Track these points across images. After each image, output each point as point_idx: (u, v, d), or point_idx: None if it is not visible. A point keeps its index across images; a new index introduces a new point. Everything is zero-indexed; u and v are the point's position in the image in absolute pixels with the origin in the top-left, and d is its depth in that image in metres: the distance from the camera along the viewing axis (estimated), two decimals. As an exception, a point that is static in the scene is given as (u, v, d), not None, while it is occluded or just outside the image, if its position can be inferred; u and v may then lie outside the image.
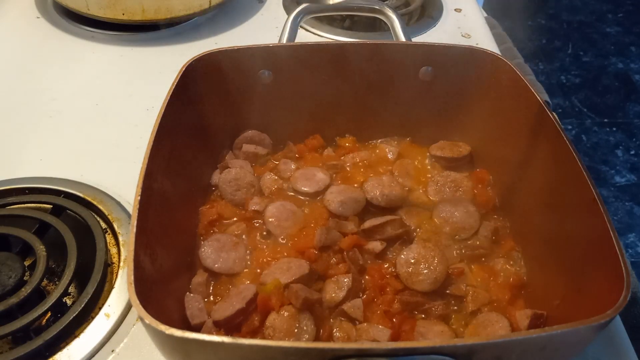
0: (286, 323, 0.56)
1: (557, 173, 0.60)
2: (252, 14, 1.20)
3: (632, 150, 2.49)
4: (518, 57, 1.15)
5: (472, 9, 1.24)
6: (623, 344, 0.61)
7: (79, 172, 0.78)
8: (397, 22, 0.80)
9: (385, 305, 0.59)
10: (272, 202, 0.70)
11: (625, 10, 3.44)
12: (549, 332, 0.42)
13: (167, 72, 0.68)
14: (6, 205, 0.72)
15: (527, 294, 0.62)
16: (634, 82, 2.88)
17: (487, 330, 0.57)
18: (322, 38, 1.12)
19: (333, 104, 0.77)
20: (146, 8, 1.07)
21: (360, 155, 0.78)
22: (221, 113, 0.74)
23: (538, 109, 0.63)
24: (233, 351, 0.42)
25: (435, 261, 0.62)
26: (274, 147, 0.79)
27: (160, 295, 0.53)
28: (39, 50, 1.07)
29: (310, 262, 0.62)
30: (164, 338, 0.42)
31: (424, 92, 0.76)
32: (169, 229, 0.59)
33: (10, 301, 0.59)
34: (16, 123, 0.89)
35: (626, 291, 0.44)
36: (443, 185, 0.74)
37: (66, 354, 0.58)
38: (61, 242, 0.66)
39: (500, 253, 0.66)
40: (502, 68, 0.70)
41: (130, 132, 0.87)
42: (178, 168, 0.64)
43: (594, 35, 3.23)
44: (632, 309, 0.87)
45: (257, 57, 0.72)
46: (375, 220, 0.66)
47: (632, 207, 2.24)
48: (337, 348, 0.40)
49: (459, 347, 0.40)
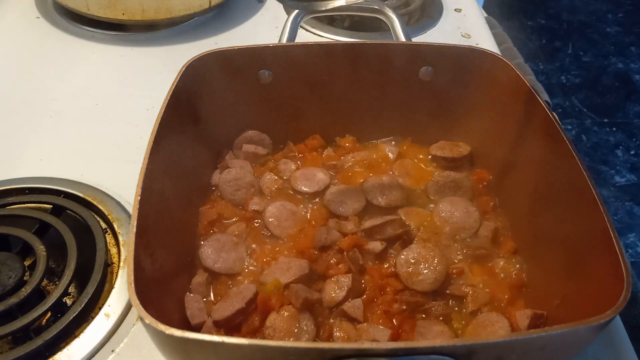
0: (286, 323, 0.56)
1: (557, 173, 0.60)
2: (252, 14, 1.20)
3: (632, 150, 2.49)
4: (518, 57, 1.15)
5: (472, 9, 1.24)
6: (623, 344, 0.61)
7: (79, 172, 0.78)
8: (397, 22, 0.81)
9: (385, 305, 0.59)
10: (272, 202, 0.70)
11: (625, 10, 3.44)
12: (549, 332, 0.42)
13: (167, 72, 0.68)
14: (6, 205, 0.72)
15: (527, 294, 0.62)
16: (634, 82, 2.89)
17: (487, 330, 0.57)
18: (322, 38, 1.12)
19: (333, 104, 0.77)
20: (146, 8, 1.07)
21: (360, 155, 0.78)
22: (221, 113, 0.74)
23: (538, 109, 0.63)
24: (233, 351, 0.42)
25: (435, 261, 0.62)
26: (274, 147, 0.79)
27: (160, 295, 0.53)
28: (39, 50, 1.07)
29: (310, 262, 0.62)
30: (164, 338, 0.42)
31: (424, 92, 0.76)
32: (169, 229, 0.59)
33: (10, 301, 0.59)
34: (16, 123, 0.89)
35: (626, 291, 0.44)
36: (443, 185, 0.74)
37: (66, 354, 0.58)
38: (61, 242, 0.66)
39: (500, 253, 0.66)
40: (502, 68, 0.70)
41: (130, 132, 0.87)
42: (178, 168, 0.64)
43: (594, 35, 3.23)
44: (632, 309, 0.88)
45: (257, 57, 0.72)
46: (375, 220, 0.66)
47: (632, 207, 2.24)
48: (337, 348, 0.40)
49: (459, 347, 0.40)
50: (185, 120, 0.67)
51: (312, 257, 0.63)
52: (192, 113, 0.69)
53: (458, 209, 0.70)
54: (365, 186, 0.72)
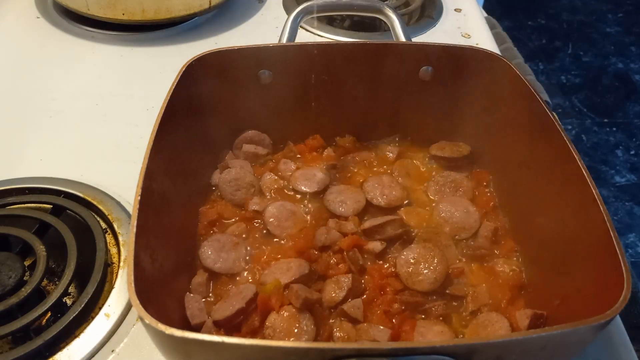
0: (286, 323, 0.56)
1: (557, 173, 0.60)
2: (252, 14, 1.20)
3: (632, 150, 2.49)
4: (518, 57, 1.15)
5: (472, 9, 1.24)
6: (623, 344, 0.61)
7: (79, 172, 0.78)
8: (397, 22, 0.81)
9: (385, 305, 0.59)
10: (272, 202, 0.70)
11: (625, 10, 3.44)
12: (549, 332, 0.42)
13: (167, 72, 0.68)
14: (6, 205, 0.72)
15: (527, 294, 0.62)
16: (634, 82, 2.89)
17: (487, 330, 0.57)
18: (322, 38, 1.12)
19: (333, 104, 0.77)
20: (146, 8, 1.07)
21: (360, 155, 0.78)
22: (221, 113, 0.74)
23: (538, 109, 0.63)
24: (233, 351, 0.42)
25: (435, 261, 0.62)
26: (274, 147, 0.79)
27: (160, 295, 0.53)
28: (39, 50, 1.07)
29: (310, 262, 0.62)
30: (164, 338, 0.42)
31: (424, 92, 0.76)
32: (169, 229, 0.59)
33: (10, 301, 0.59)
34: (16, 123, 0.89)
35: (626, 291, 0.44)
36: (443, 185, 0.74)
37: (66, 354, 0.58)
38: (61, 242, 0.66)
39: (500, 253, 0.66)
40: (502, 68, 0.70)
41: (130, 132, 0.87)
42: (178, 168, 0.64)
43: (594, 35, 3.24)
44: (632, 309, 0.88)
45: (257, 57, 0.72)
46: (375, 220, 0.66)
47: (632, 207, 2.24)
48: (337, 348, 0.40)
49: (459, 347, 0.40)
50: (185, 120, 0.67)
51: (312, 257, 0.63)
52: (192, 113, 0.69)
53: (458, 209, 0.70)
54: (365, 186, 0.72)
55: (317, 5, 0.81)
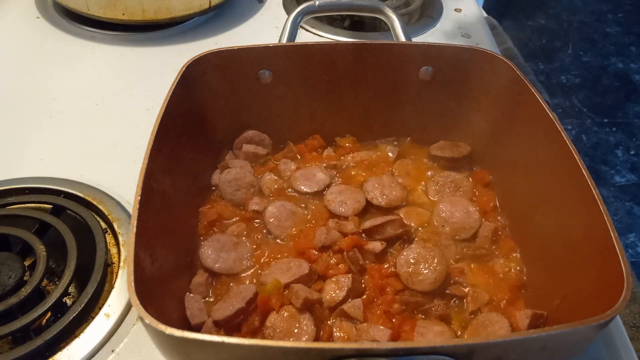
0: (286, 323, 0.56)
1: (557, 173, 0.60)
2: (252, 14, 1.20)
3: (632, 150, 2.49)
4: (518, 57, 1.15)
5: (472, 9, 1.24)
6: (623, 344, 0.61)
7: (79, 172, 0.78)
8: (397, 22, 0.81)
9: (385, 305, 0.59)
10: (272, 202, 0.70)
11: (625, 10, 3.44)
12: (549, 332, 0.42)
13: (167, 72, 0.68)
14: (6, 205, 0.72)
15: (527, 294, 0.62)
16: (634, 82, 2.89)
17: (487, 330, 0.57)
18: (322, 38, 1.12)
19: (333, 104, 0.77)
20: (146, 8, 1.07)
21: (360, 155, 0.78)
22: (221, 113, 0.74)
23: (538, 109, 0.63)
24: (233, 351, 0.42)
25: (435, 261, 0.62)
26: (274, 147, 0.79)
27: (160, 295, 0.53)
28: (39, 50, 1.07)
29: (310, 262, 0.62)
30: (164, 338, 0.42)
31: (424, 92, 0.76)
32: (169, 229, 0.59)
33: (10, 301, 0.59)
34: (16, 123, 0.89)
35: (626, 291, 0.44)
36: (443, 185, 0.74)
37: (66, 354, 0.58)
38: (61, 242, 0.66)
39: (500, 253, 0.66)
40: (502, 68, 0.70)
41: (130, 132, 0.87)
42: (178, 168, 0.64)
43: (594, 35, 3.24)
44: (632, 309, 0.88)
45: (257, 57, 0.72)
46: (375, 220, 0.66)
47: (632, 207, 2.24)
48: (337, 348, 0.40)
49: (459, 347, 0.40)
50: (185, 120, 0.67)
51: (312, 257, 0.63)
52: (192, 113, 0.69)
53: (458, 209, 0.70)
54: (365, 186, 0.72)
55: (317, 5, 0.81)
